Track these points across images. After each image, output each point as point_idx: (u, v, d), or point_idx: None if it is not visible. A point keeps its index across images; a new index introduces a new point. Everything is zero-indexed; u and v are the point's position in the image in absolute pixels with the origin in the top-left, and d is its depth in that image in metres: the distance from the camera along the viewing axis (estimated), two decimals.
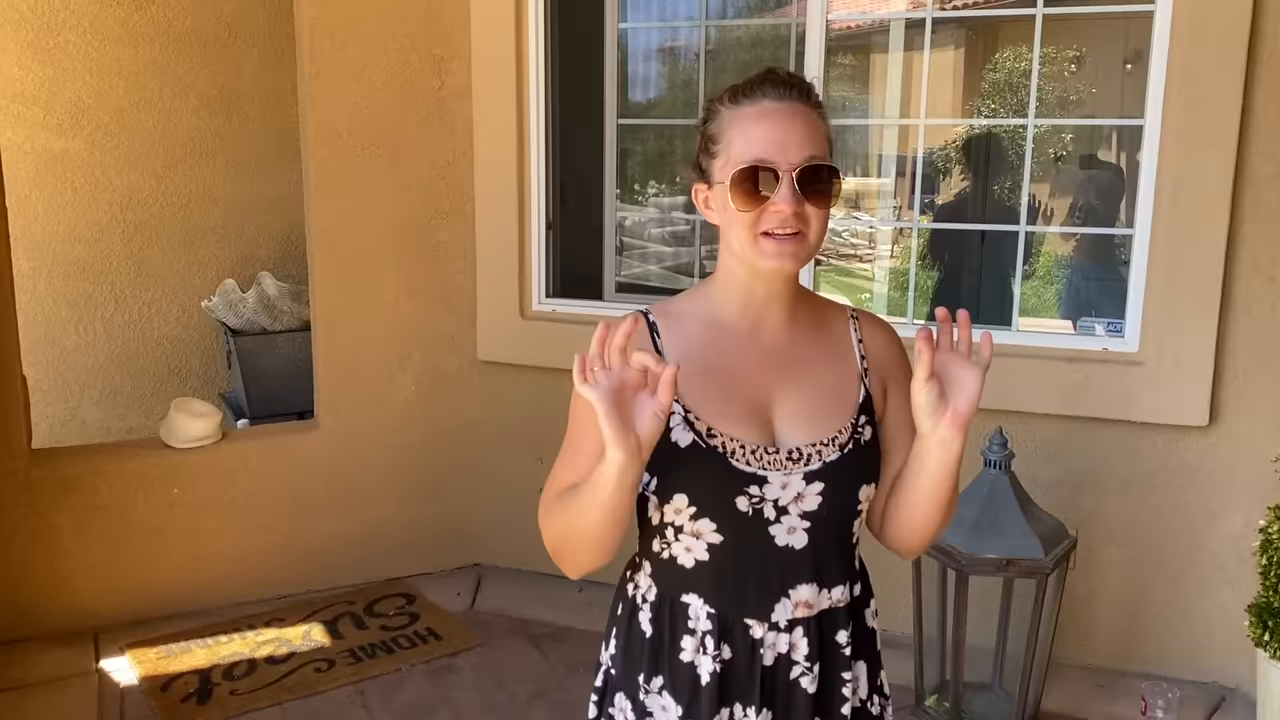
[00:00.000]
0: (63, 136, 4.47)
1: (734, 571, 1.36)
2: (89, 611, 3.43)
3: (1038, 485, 3.24)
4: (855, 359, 1.43)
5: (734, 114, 1.32)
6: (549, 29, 3.62)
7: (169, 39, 4.58)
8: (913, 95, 3.42)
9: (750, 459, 1.33)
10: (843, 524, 1.38)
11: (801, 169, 1.27)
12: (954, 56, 8.05)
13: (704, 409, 1.34)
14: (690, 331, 1.40)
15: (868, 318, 1.49)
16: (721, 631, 1.37)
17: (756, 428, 1.35)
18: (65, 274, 4.58)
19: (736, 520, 1.33)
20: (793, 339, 1.41)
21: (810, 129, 1.29)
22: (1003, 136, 6.18)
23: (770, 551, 1.35)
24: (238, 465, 3.62)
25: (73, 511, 3.38)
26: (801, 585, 1.36)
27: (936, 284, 5.25)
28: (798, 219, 1.28)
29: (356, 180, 3.61)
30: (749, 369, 1.38)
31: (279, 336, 4.39)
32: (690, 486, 1.33)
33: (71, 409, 4.69)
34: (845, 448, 1.36)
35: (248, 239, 4.89)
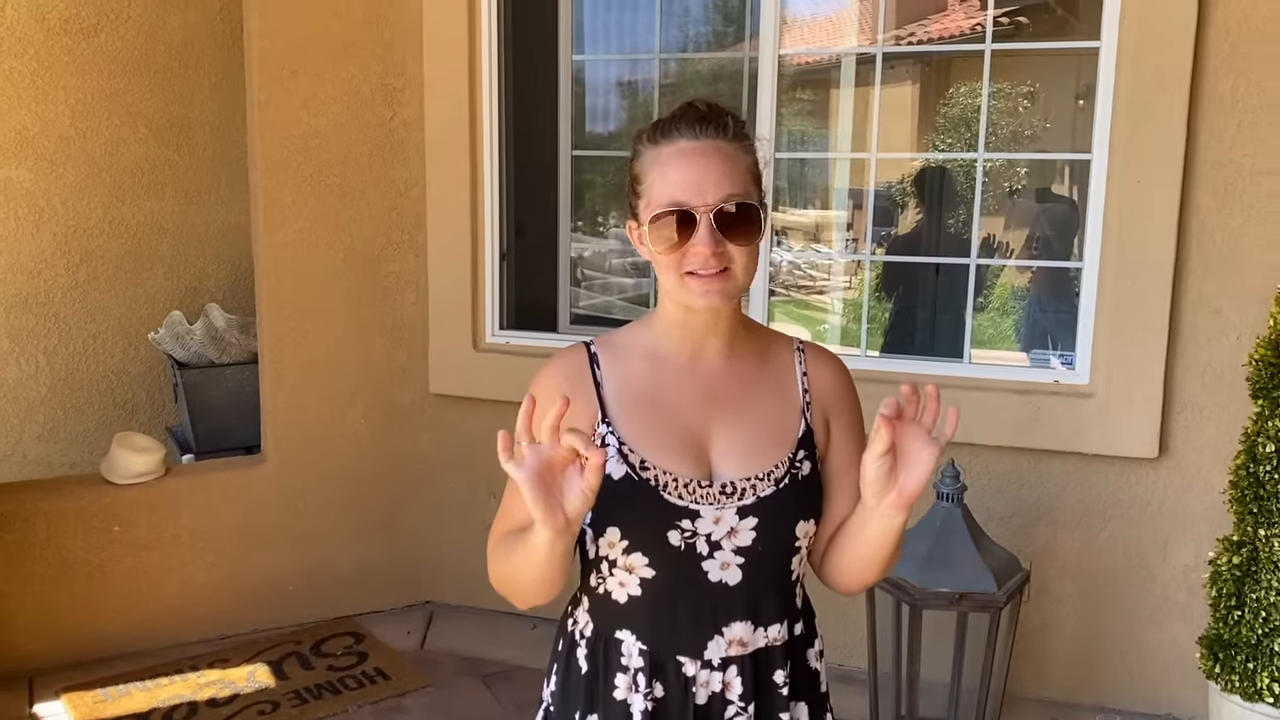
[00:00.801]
0: (5, 166, 4.38)
1: (667, 607, 1.34)
2: (24, 653, 3.31)
3: (991, 518, 3.24)
4: (797, 392, 1.40)
5: (654, 154, 1.31)
6: (503, 60, 3.61)
7: (118, 67, 4.51)
8: (867, 129, 3.44)
9: (683, 493, 1.31)
10: (779, 561, 1.36)
11: (718, 209, 1.26)
12: (910, 91, 8.16)
13: (639, 442, 1.33)
14: (630, 364, 1.39)
15: (814, 350, 1.46)
16: (653, 669, 1.35)
17: (691, 461, 1.33)
18: (7, 306, 4.47)
19: (668, 555, 1.31)
20: (732, 371, 1.39)
21: (728, 166, 1.28)
22: (957, 170, 6.25)
23: (703, 587, 1.32)
24: (181, 502, 3.54)
25: (8, 550, 3.28)
26: (735, 623, 1.34)
27: (891, 316, 5.27)
28: (720, 258, 1.27)
29: (305, 210, 3.56)
30: (687, 402, 1.36)
31: (227, 369, 4.31)
32: (622, 520, 1.31)
33: (12, 444, 4.56)
34: (781, 483, 1.34)
35: (197, 270, 4.80)
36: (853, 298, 6.80)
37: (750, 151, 1.32)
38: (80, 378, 4.66)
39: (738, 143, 1.30)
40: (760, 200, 1.33)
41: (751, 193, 1.30)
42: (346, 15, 3.53)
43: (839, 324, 6.21)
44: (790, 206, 6.80)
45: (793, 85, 4.69)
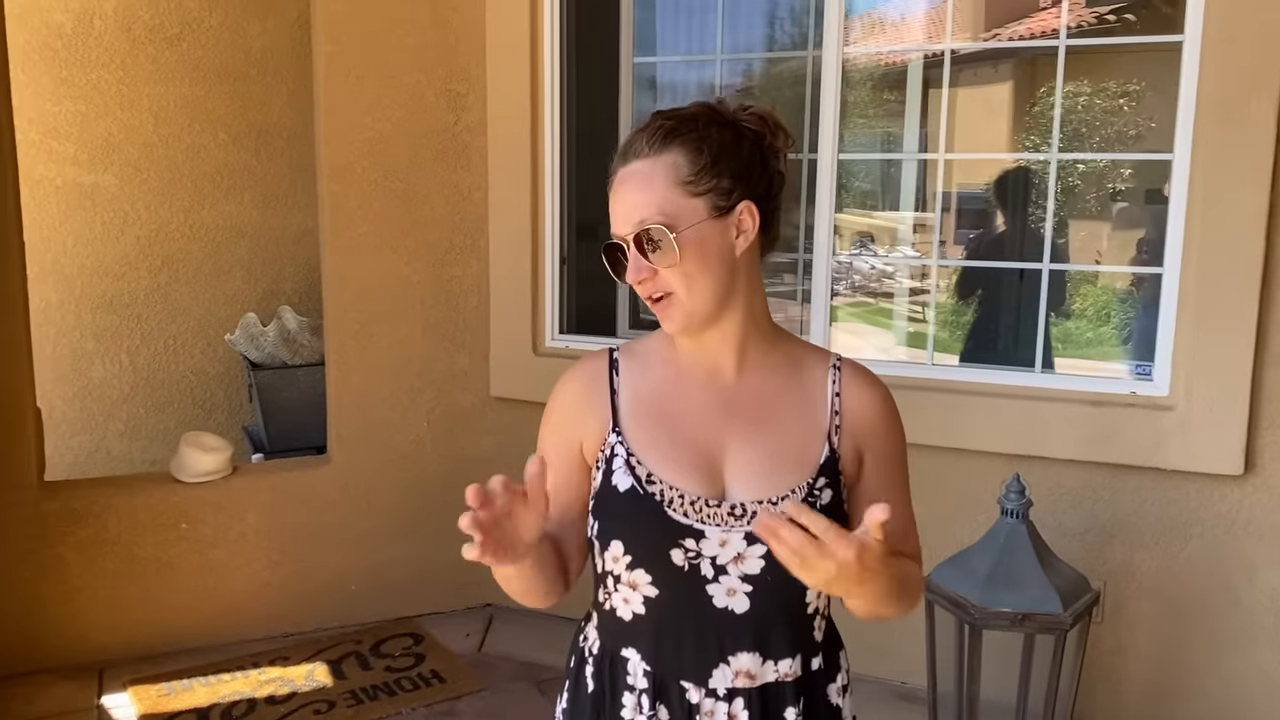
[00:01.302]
0: (93, 171, 4.53)
1: (670, 629, 1.28)
2: (96, 646, 3.41)
3: (1063, 534, 3.10)
4: (825, 413, 1.31)
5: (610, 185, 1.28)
6: (564, 64, 3.60)
7: (199, 75, 4.64)
8: (955, 129, 3.34)
9: (689, 510, 1.25)
10: (791, 593, 1.27)
11: (634, 237, 1.22)
12: (1003, 91, 7.93)
13: (647, 453, 1.28)
14: (649, 373, 1.34)
15: (854, 370, 1.35)
16: (657, 692, 1.30)
17: (701, 478, 1.27)
18: (93, 307, 4.62)
19: (671, 574, 1.26)
20: (753, 386, 1.31)
21: (638, 191, 1.22)
22: (1044, 172, 6.03)
23: (707, 612, 1.26)
24: (247, 500, 3.60)
25: (81, 545, 3.37)
26: (742, 653, 1.27)
27: (969, 322, 5.11)
28: (654, 284, 1.23)
29: (370, 215, 3.60)
30: (701, 415, 1.30)
31: (299, 371, 4.38)
32: (625, 534, 1.27)
33: (97, 441, 4.72)
34: None
35: (274, 273, 4.90)
36: (921, 303, 6.63)
37: (683, 153, 1.21)
38: (161, 377, 4.79)
39: (661, 154, 1.22)
40: (719, 209, 1.22)
41: (679, 209, 1.20)
42: (411, 21, 3.55)
43: (906, 330, 6.05)
44: (861, 208, 6.65)
45: (861, 83, 4.57)
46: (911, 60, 5.64)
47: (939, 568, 2.80)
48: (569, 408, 1.35)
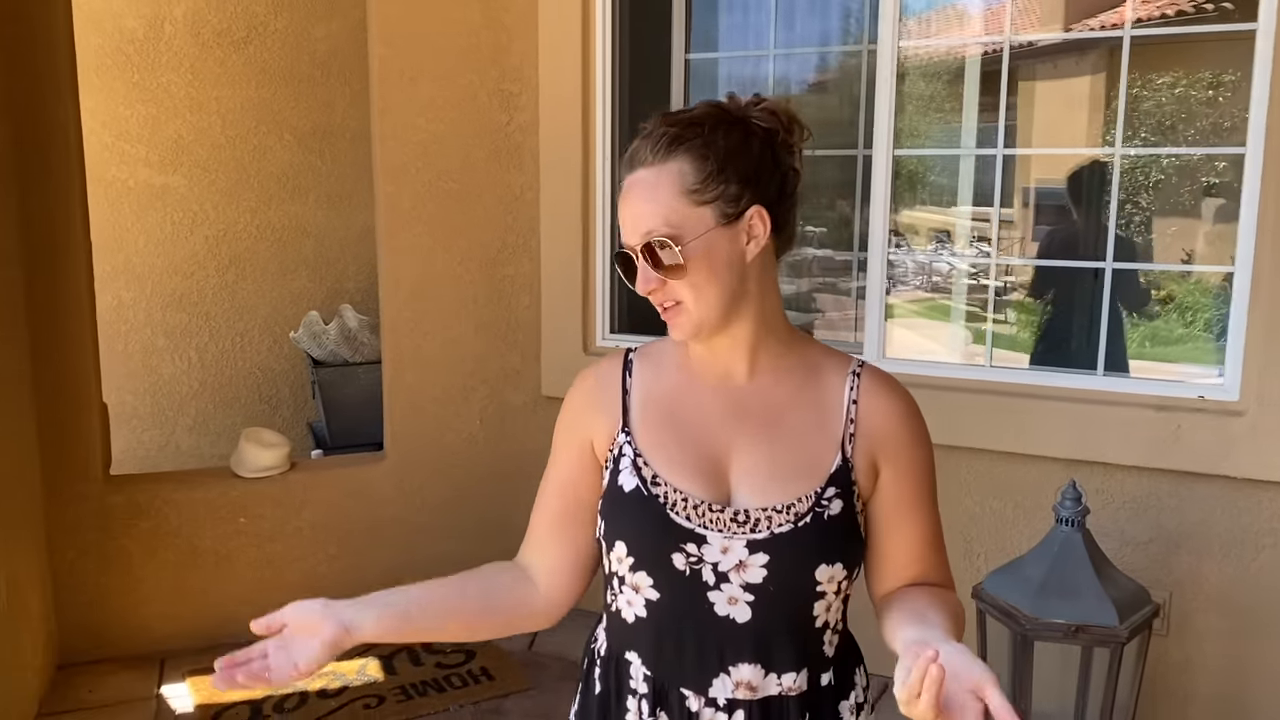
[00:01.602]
0: (163, 172, 4.65)
1: (671, 635, 1.26)
2: (158, 636, 3.50)
3: (1125, 543, 3.00)
4: (840, 420, 1.27)
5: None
6: (616, 62, 3.58)
7: (265, 78, 4.73)
8: (1001, 124, 3.25)
9: (691, 514, 1.23)
10: (796, 605, 1.24)
11: (641, 248, 1.20)
12: (1073, 84, 7.71)
13: (654, 455, 1.26)
14: (662, 374, 1.33)
15: (874, 377, 1.31)
16: (657, 697, 1.28)
17: (707, 482, 1.24)
18: (163, 305, 4.75)
19: (673, 579, 1.23)
20: (765, 390, 1.28)
21: (643, 202, 1.20)
22: (1127, 168, 5.83)
23: (708, 619, 1.23)
24: (304, 496, 3.66)
25: (143, 537, 3.46)
26: (743, 664, 1.24)
27: (1040, 323, 4.97)
28: (666, 294, 1.21)
29: (424, 215, 3.63)
30: (710, 419, 1.28)
31: (359, 368, 4.45)
32: (628, 535, 1.25)
33: (167, 435, 4.85)
34: (801, 520, 1.22)
35: (338, 272, 4.99)
36: (981, 302, 6.47)
37: (689, 160, 1.18)
38: (229, 374, 4.90)
39: (666, 163, 1.19)
40: (728, 216, 1.20)
41: (685, 218, 1.18)
42: (464, 21, 3.57)
43: (968, 330, 5.91)
44: (923, 205, 6.51)
45: (917, 77, 4.46)
46: (985, 54, 5.51)
47: (991, 576, 2.72)
48: (581, 406, 1.35)
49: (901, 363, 3.31)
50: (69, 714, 3.13)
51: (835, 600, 1.26)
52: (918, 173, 5.31)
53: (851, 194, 3.74)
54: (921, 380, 3.23)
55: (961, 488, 3.21)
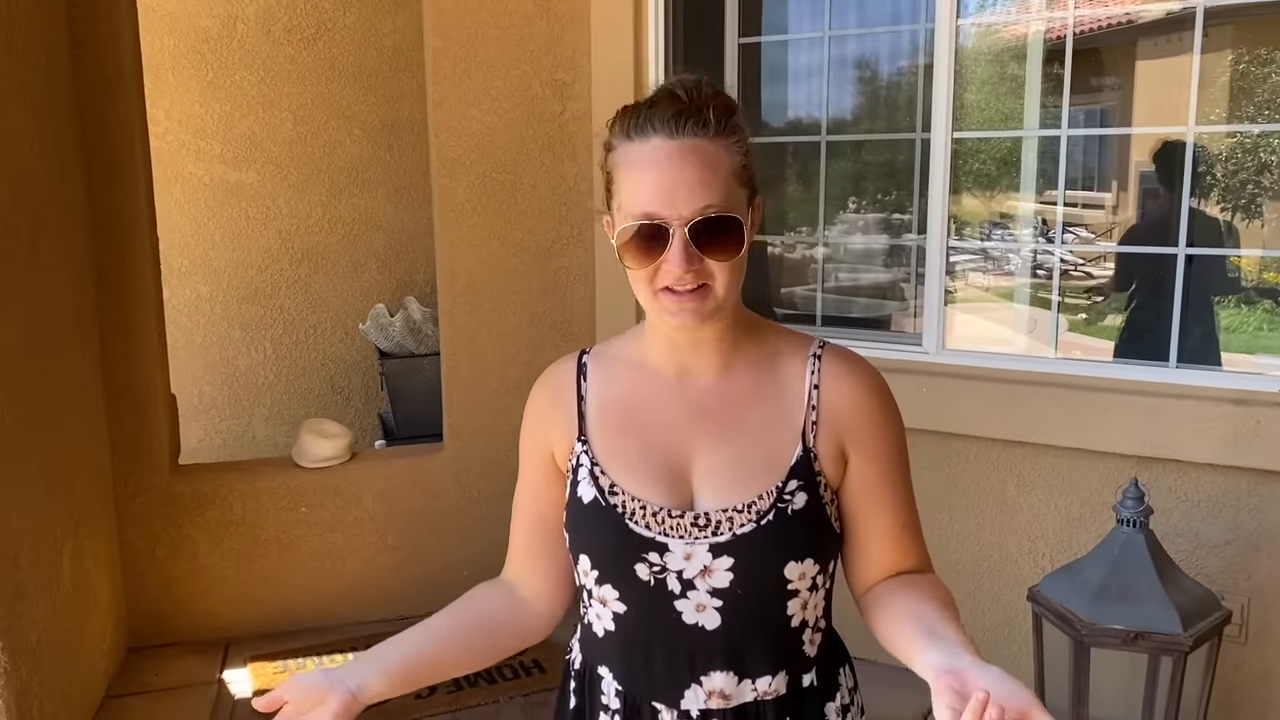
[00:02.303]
0: (237, 169, 4.76)
1: (640, 647, 1.22)
2: (222, 623, 3.59)
3: (1199, 545, 2.83)
4: (801, 408, 1.20)
5: (626, 152, 1.13)
6: (669, 48, 3.52)
7: (334, 73, 4.80)
8: (1065, 105, 3.08)
9: (650, 522, 1.18)
10: (767, 606, 1.18)
11: (694, 222, 1.09)
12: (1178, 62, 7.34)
13: (611, 462, 1.22)
14: (616, 376, 1.27)
15: (836, 357, 1.23)
16: (629, 712, 1.23)
17: (668, 487, 1.19)
18: (239, 298, 4.87)
19: (637, 590, 1.19)
20: (726, 387, 1.22)
21: (706, 171, 1.09)
22: (1222, 147, 5.53)
23: (676, 629, 1.19)
24: (364, 486, 3.71)
25: (208, 526, 3.55)
26: (715, 672, 1.19)
27: (1129, 313, 4.75)
28: (696, 274, 1.11)
29: (478, 207, 3.63)
30: (670, 421, 1.22)
31: (424, 360, 4.49)
32: (590, 547, 1.21)
33: (243, 425, 4.97)
34: (764, 517, 1.16)
35: (406, 264, 5.04)
36: (1045, 294, 6.20)
37: (739, 148, 1.14)
38: (302, 365, 5.01)
39: (723, 139, 1.12)
40: (750, 204, 1.16)
41: (736, 199, 1.12)
42: (517, 12, 3.55)
43: (1028, 320, 5.67)
44: (985, 190, 6.26)
45: (981, 58, 4.28)
46: (1048, 33, 5.28)
47: (1048, 578, 2.60)
48: (537, 416, 1.32)
49: (961, 354, 3.19)
50: (134, 696, 3.23)
51: (812, 597, 1.20)
52: (1045, 157, 5.11)
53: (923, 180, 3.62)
54: (983, 372, 3.11)
55: (1024, 485, 3.07)
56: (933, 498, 3.21)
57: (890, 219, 4.13)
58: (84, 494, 3.11)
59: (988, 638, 3.19)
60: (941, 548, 3.22)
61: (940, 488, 3.20)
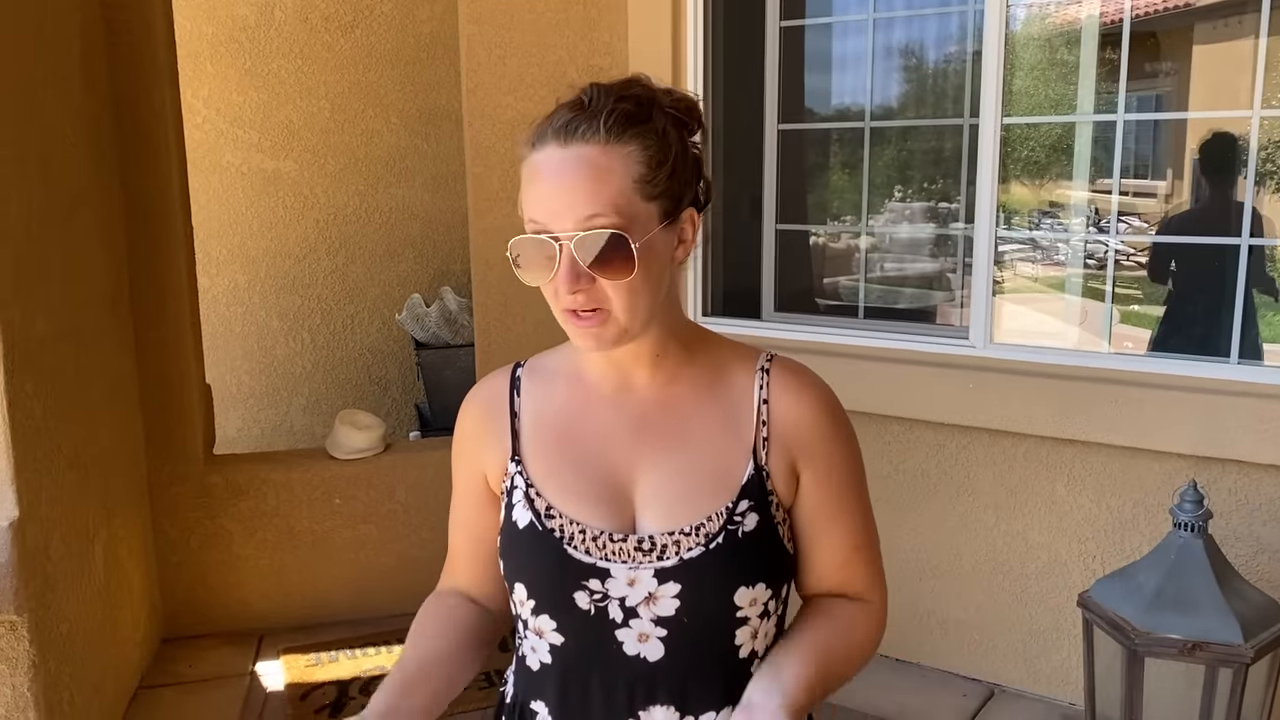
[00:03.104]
0: (275, 157, 4.75)
1: (576, 681, 1.14)
2: (256, 613, 3.58)
3: (1261, 550, 2.71)
4: (751, 424, 1.13)
5: (526, 161, 1.07)
6: (708, 32, 3.43)
7: (372, 61, 4.77)
8: (1122, 90, 2.93)
9: (591, 547, 1.10)
10: (715, 636, 1.10)
11: (580, 239, 1.01)
12: (1241, 46, 7.11)
13: (547, 484, 1.14)
14: (553, 391, 1.20)
15: (784, 371, 1.16)
16: None
17: (608, 510, 1.12)
18: (277, 288, 4.86)
19: (576, 619, 1.12)
20: (668, 400, 1.15)
21: (596, 181, 1.01)
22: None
23: (617, 661, 1.11)
24: (397, 477, 3.67)
25: (243, 517, 3.54)
26: (655, 707, 1.11)
27: (1170, 304, 4.58)
28: (589, 296, 1.04)
29: (511, 196, 3.52)
30: (609, 438, 1.14)
31: (460, 350, 4.45)
32: (526, 575, 1.13)
33: (281, 415, 4.97)
34: (713, 541, 1.09)
35: (444, 254, 5.00)
36: (1098, 285, 6.01)
37: (644, 152, 1.04)
38: (340, 355, 4.99)
39: (618, 145, 1.02)
40: (669, 209, 1.06)
41: (635, 212, 1.02)
42: None
43: (1079, 312, 5.51)
44: (1034, 178, 6.09)
45: (1031, 43, 4.12)
46: (1105, 18, 5.11)
47: (1099, 583, 2.49)
48: (468, 436, 1.24)
49: (1009, 348, 3.08)
50: (167, 687, 3.22)
51: (763, 624, 1.12)
52: (1099, 145, 4.96)
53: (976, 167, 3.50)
54: (1032, 367, 3.00)
55: (1075, 484, 2.96)
56: (979, 497, 3.11)
57: (936, 208, 4.01)
58: (117, 484, 3.10)
59: (1035, 644, 3.08)
60: (988, 548, 3.12)
61: (987, 487, 3.09)
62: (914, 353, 3.17)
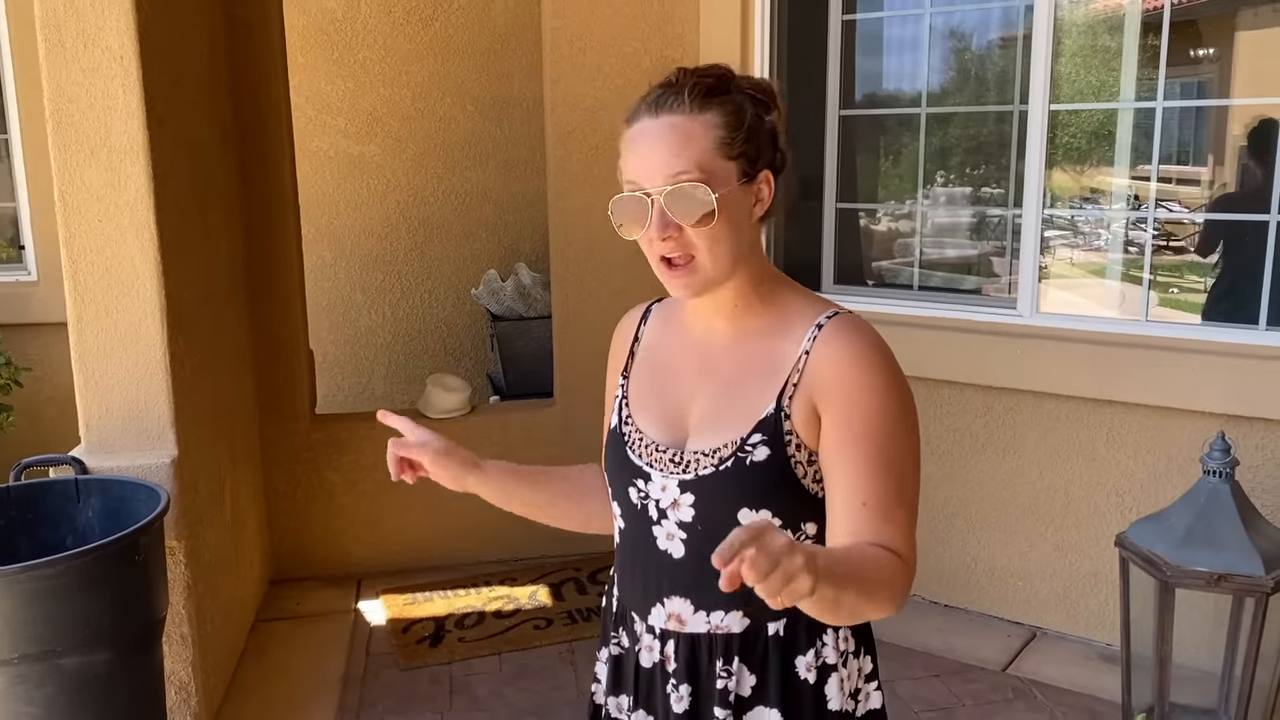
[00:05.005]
0: (360, 142, 5.07)
1: (627, 562, 1.37)
2: (355, 559, 3.92)
3: None
4: (788, 371, 1.25)
5: (624, 136, 1.26)
6: (775, 25, 3.70)
7: (450, 52, 5.07)
8: (1162, 75, 3.11)
9: (644, 452, 1.32)
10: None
11: (669, 192, 1.18)
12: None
13: (634, 398, 1.38)
14: (666, 327, 1.41)
15: (835, 327, 1.25)
16: (619, 615, 1.40)
17: (668, 428, 1.32)
18: (361, 264, 5.19)
19: (629, 511, 1.34)
20: (735, 347, 1.31)
21: (682, 143, 1.18)
22: None
23: (651, 552, 1.32)
24: (482, 436, 3.99)
25: (343, 470, 3.87)
26: (675, 596, 1.30)
27: (1218, 279, 4.79)
28: (678, 244, 1.20)
29: (591, 177, 3.86)
30: (684, 371, 1.34)
31: (533, 323, 4.75)
32: (607, 465, 1.39)
33: (364, 382, 5.31)
34: (724, 464, 1.25)
35: (514, 233, 5.31)
36: (1137, 270, 6.18)
37: (722, 120, 1.20)
38: (418, 327, 5.32)
39: (700, 113, 1.19)
40: (747, 169, 1.21)
41: (714, 168, 1.18)
42: None
43: (1118, 295, 5.71)
44: (1077, 165, 6.27)
45: (1078, 30, 4.31)
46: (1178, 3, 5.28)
47: (1135, 525, 2.75)
48: (613, 349, 1.48)
49: (1054, 316, 3.33)
50: (281, 621, 3.57)
51: None
52: (1139, 131, 5.15)
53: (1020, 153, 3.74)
54: (1075, 334, 3.25)
55: (1114, 442, 3.21)
56: (1024, 454, 3.37)
57: (981, 193, 4.25)
58: (238, 438, 3.45)
59: (1076, 588, 3.34)
60: (1031, 501, 3.38)
61: (1031, 445, 3.35)
62: (965, 321, 3.44)
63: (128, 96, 2.51)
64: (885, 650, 3.31)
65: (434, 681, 3.18)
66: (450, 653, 3.34)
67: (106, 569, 2.21)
